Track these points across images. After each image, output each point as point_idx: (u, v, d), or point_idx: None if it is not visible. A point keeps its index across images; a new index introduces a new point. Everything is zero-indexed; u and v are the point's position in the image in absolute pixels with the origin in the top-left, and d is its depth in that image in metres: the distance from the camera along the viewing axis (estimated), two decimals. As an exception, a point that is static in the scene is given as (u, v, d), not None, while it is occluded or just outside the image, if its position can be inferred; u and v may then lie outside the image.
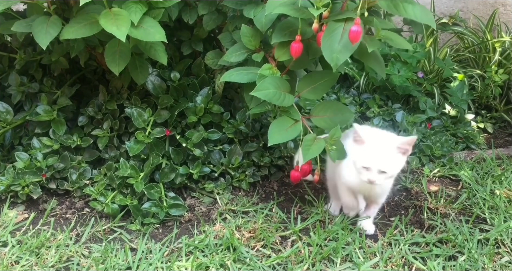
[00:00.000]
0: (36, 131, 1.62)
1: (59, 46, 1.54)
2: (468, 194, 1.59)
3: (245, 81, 1.38)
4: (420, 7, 1.26)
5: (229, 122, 1.65)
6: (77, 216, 1.50)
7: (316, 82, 1.41)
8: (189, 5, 1.60)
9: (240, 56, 1.44)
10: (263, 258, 1.31)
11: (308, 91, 1.41)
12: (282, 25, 1.37)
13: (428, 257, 1.32)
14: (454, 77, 2.13)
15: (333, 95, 2.05)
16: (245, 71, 1.40)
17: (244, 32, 1.41)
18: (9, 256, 1.30)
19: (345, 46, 1.21)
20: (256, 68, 1.40)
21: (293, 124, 1.37)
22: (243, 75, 1.39)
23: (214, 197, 1.57)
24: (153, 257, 1.30)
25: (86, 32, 1.31)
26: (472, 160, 1.80)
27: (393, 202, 1.58)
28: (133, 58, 1.44)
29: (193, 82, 1.67)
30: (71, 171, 1.56)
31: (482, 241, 1.38)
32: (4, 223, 1.44)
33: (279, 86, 1.35)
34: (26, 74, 1.71)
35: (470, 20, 2.51)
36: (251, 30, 1.42)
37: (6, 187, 1.50)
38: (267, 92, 1.32)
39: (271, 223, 1.44)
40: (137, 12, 1.32)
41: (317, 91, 1.42)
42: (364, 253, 1.32)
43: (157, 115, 1.60)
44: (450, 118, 2.03)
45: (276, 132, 1.35)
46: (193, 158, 1.59)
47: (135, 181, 1.48)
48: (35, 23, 1.33)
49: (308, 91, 1.41)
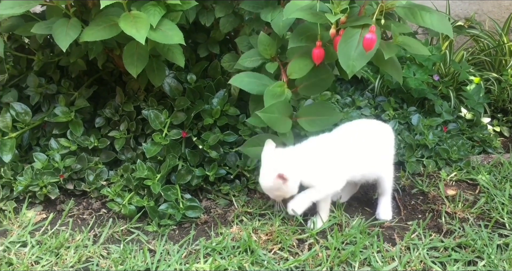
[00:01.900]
0: (54, 132, 1.63)
1: (77, 48, 1.56)
2: (486, 199, 1.57)
3: (255, 92, 1.40)
4: (437, 15, 1.25)
5: (245, 125, 1.65)
6: (95, 216, 1.50)
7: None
8: (206, 8, 1.61)
9: (254, 62, 1.46)
10: (280, 261, 1.31)
11: (305, 87, 1.42)
12: (299, 30, 1.37)
13: (447, 261, 1.31)
14: (470, 80, 2.11)
15: (348, 97, 2.05)
16: (257, 81, 1.42)
17: (261, 40, 1.42)
18: (29, 256, 1.31)
19: (362, 53, 1.21)
20: (269, 79, 1.42)
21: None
22: (254, 85, 1.41)
23: (230, 199, 1.57)
24: (172, 259, 1.30)
25: (106, 34, 1.32)
26: (490, 164, 1.78)
27: (410, 206, 1.57)
28: (150, 60, 1.45)
29: (209, 84, 1.67)
30: (88, 171, 1.57)
31: (501, 246, 1.37)
32: (23, 223, 1.45)
33: (283, 112, 1.37)
34: (44, 76, 1.72)
35: (485, 22, 2.49)
36: (268, 39, 1.43)
37: (25, 187, 1.52)
38: (271, 116, 1.35)
39: (288, 226, 1.43)
40: (156, 14, 1.33)
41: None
42: (383, 257, 1.31)
43: (173, 117, 1.60)
44: (466, 122, 2.02)
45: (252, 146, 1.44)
46: (209, 159, 1.59)
47: (152, 183, 1.48)
48: (55, 26, 1.34)
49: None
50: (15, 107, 1.62)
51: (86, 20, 1.41)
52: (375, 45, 1.19)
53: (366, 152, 1.43)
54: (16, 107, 1.63)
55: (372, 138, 1.45)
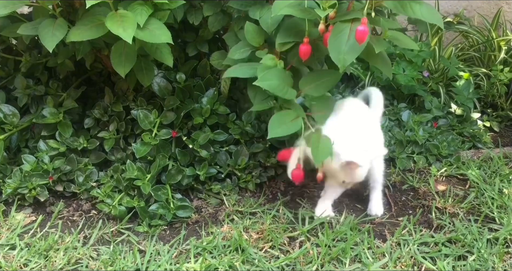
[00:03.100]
0: (43, 134, 1.62)
1: (65, 48, 1.54)
2: (476, 193, 1.58)
3: (248, 75, 1.37)
4: (427, 6, 1.25)
5: (235, 124, 1.64)
6: (85, 218, 1.50)
7: (319, 80, 1.41)
8: (194, 7, 1.60)
9: (244, 53, 1.44)
10: (271, 259, 1.31)
11: (310, 88, 1.40)
12: (287, 26, 1.37)
13: (437, 257, 1.31)
14: (460, 76, 2.12)
15: (339, 95, 2.04)
16: (249, 66, 1.40)
17: (248, 30, 1.41)
18: (18, 259, 1.30)
19: (352, 47, 1.21)
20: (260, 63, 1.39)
21: (295, 118, 1.34)
22: (246, 69, 1.39)
23: (221, 198, 1.56)
24: (162, 259, 1.30)
25: (92, 34, 1.31)
26: (479, 159, 1.79)
27: (401, 202, 1.58)
28: (138, 60, 1.44)
29: (198, 83, 1.67)
30: (77, 173, 1.56)
31: (491, 240, 1.37)
32: (12, 226, 1.44)
33: (282, 78, 1.34)
34: (32, 77, 1.71)
35: (474, 18, 2.50)
36: (255, 27, 1.42)
37: (13, 189, 1.50)
38: (271, 83, 1.31)
39: (278, 224, 1.43)
40: (143, 14, 1.33)
41: (320, 89, 1.41)
42: (373, 254, 1.32)
43: (163, 117, 1.60)
44: (456, 117, 2.02)
45: (277, 125, 1.32)
46: (199, 159, 1.59)
47: (142, 183, 1.48)
48: (41, 26, 1.34)
49: (310, 88, 1.40)
50: (3, 109, 1.61)
51: (73, 21, 1.40)
52: (367, 37, 1.19)
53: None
54: (4, 109, 1.61)
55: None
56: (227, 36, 1.55)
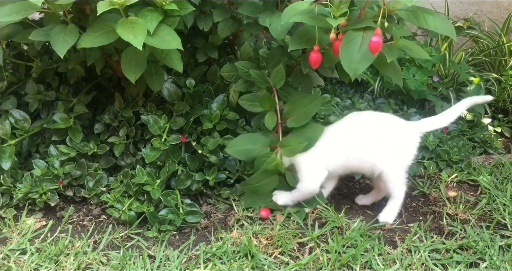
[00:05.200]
0: (53, 139, 1.63)
1: (76, 54, 1.56)
2: (487, 200, 1.56)
3: (249, 160, 1.52)
4: (440, 18, 1.24)
5: (244, 129, 1.65)
6: (94, 223, 1.50)
7: (301, 109, 1.48)
8: (204, 13, 1.61)
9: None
10: (281, 265, 1.30)
11: (293, 119, 1.49)
12: (299, 33, 1.37)
13: (449, 264, 1.30)
14: (470, 81, 2.10)
15: (348, 100, 2.04)
16: (252, 147, 1.50)
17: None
18: (29, 263, 1.31)
19: (364, 55, 1.20)
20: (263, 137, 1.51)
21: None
22: (249, 153, 1.51)
23: (230, 204, 1.56)
24: (171, 265, 1.30)
25: (103, 40, 1.32)
26: (491, 164, 1.78)
27: (411, 208, 1.57)
28: (148, 65, 1.45)
29: (208, 89, 1.67)
30: (87, 178, 1.57)
31: (503, 247, 1.36)
32: (22, 231, 1.45)
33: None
34: (43, 83, 1.72)
35: (485, 23, 2.48)
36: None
37: (24, 194, 1.51)
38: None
39: (288, 230, 1.43)
40: (153, 20, 1.33)
41: (302, 119, 1.48)
42: (384, 260, 1.31)
43: (172, 122, 1.60)
44: (466, 123, 2.01)
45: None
46: (209, 164, 1.59)
47: (152, 188, 1.48)
48: (53, 32, 1.34)
49: (293, 120, 1.49)
50: (14, 115, 1.62)
51: (84, 26, 1.41)
52: (381, 47, 1.19)
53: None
54: (15, 115, 1.63)
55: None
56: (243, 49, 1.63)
